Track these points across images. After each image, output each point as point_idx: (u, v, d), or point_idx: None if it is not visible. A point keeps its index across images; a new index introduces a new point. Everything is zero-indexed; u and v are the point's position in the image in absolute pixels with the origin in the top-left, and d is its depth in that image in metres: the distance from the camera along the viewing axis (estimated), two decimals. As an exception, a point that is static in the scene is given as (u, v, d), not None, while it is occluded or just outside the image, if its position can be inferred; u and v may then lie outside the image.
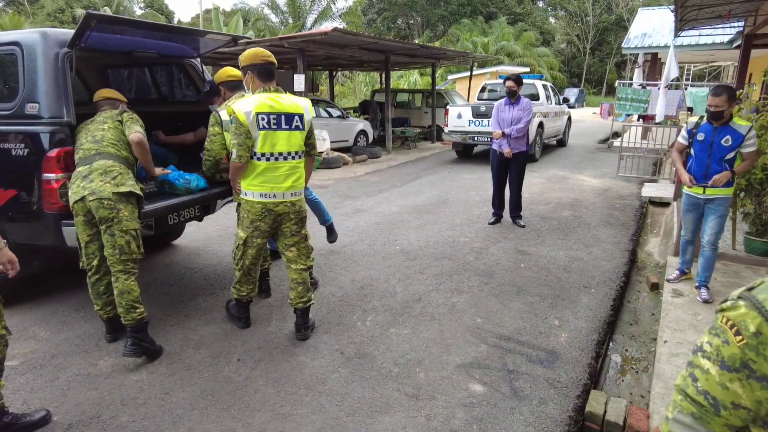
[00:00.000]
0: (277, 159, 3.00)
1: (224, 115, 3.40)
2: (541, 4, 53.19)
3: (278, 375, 2.92)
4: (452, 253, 5.06)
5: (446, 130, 11.39)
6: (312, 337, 3.36)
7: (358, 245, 5.31)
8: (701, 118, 3.78)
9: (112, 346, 3.26)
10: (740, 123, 3.60)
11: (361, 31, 22.49)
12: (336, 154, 11.13)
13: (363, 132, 13.55)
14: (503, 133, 5.79)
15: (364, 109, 16.81)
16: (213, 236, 5.63)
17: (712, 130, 3.66)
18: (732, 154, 3.62)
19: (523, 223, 6.03)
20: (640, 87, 11.73)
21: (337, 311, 3.76)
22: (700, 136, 3.72)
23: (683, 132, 3.89)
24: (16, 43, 3.21)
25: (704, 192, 3.75)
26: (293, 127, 3.03)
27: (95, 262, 3.11)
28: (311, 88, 18.07)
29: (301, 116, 3.06)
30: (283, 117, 2.98)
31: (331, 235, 4.87)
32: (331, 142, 11.61)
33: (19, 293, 3.91)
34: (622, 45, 16.35)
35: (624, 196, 7.77)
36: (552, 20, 53.56)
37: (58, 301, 3.94)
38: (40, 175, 3.12)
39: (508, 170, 6.02)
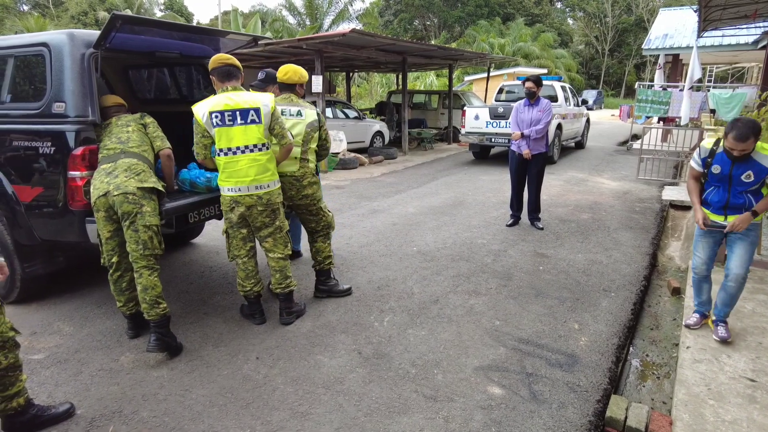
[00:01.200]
0: (235, 153, 3.17)
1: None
2: (559, 5, 52.77)
3: (296, 374, 2.93)
4: (470, 254, 5.04)
5: (463, 131, 11.34)
6: (329, 337, 3.37)
7: (375, 246, 5.32)
8: (716, 143, 3.12)
9: (133, 342, 3.31)
10: (765, 153, 2.93)
11: (378, 32, 22.55)
12: (352, 155, 11.16)
13: (379, 133, 13.57)
14: (522, 134, 5.76)
15: (381, 110, 16.84)
16: (231, 235, 5.68)
17: (729, 164, 3.04)
18: (756, 186, 3.02)
19: (541, 226, 5.97)
20: (661, 89, 11.57)
21: (355, 311, 3.77)
22: (716, 169, 3.09)
23: (696, 156, 3.22)
24: (44, 44, 3.28)
25: (726, 219, 3.14)
26: (249, 121, 3.17)
27: (115, 259, 3.16)
28: (328, 89, 18.19)
29: (257, 110, 3.18)
30: (238, 113, 3.14)
31: None
32: (348, 143, 11.65)
33: (45, 289, 4.00)
34: (643, 46, 16.14)
35: (644, 199, 7.65)
36: (570, 21, 53.09)
37: (81, 298, 4.02)
38: (65, 172, 3.18)
39: (527, 171, 5.97)
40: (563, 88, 11.86)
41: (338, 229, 5.75)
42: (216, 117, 3.11)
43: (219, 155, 3.20)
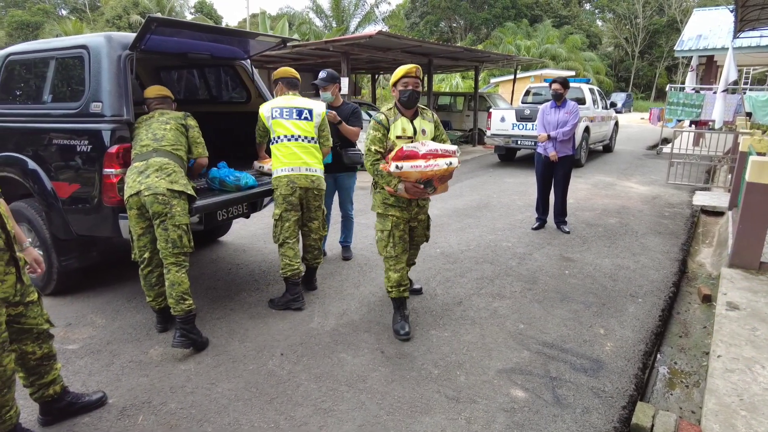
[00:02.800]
0: (290, 140, 3.69)
1: (320, 107, 3.89)
2: (588, 6, 51.91)
3: (320, 371, 2.97)
4: (494, 257, 5.01)
5: (489, 133, 11.26)
6: (353, 335, 3.40)
7: (399, 247, 5.32)
8: None
9: (161, 336, 3.40)
10: None
11: (404, 34, 22.59)
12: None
13: (404, 135, 13.55)
14: (549, 136, 5.70)
15: (405, 112, 16.79)
16: (258, 234, 5.77)
17: None
18: None
19: (567, 229, 5.89)
20: (693, 91, 11.28)
21: (378, 311, 3.79)
22: None
23: None
24: (83, 47, 3.41)
25: None
26: (303, 117, 3.76)
27: (146, 255, 3.24)
28: (353, 90, 18.29)
29: (310, 111, 3.80)
30: (294, 110, 3.75)
31: (347, 252, 5.04)
32: (372, 144, 11.66)
33: (79, 283, 4.14)
34: (675, 47, 15.75)
35: (674, 204, 7.47)
36: (599, 23, 52.16)
37: (113, 292, 4.14)
38: (101, 170, 3.29)
39: (554, 174, 5.90)
40: (591, 91, 11.67)
41: (362, 230, 5.79)
42: (276, 111, 3.71)
43: (276, 143, 3.69)
